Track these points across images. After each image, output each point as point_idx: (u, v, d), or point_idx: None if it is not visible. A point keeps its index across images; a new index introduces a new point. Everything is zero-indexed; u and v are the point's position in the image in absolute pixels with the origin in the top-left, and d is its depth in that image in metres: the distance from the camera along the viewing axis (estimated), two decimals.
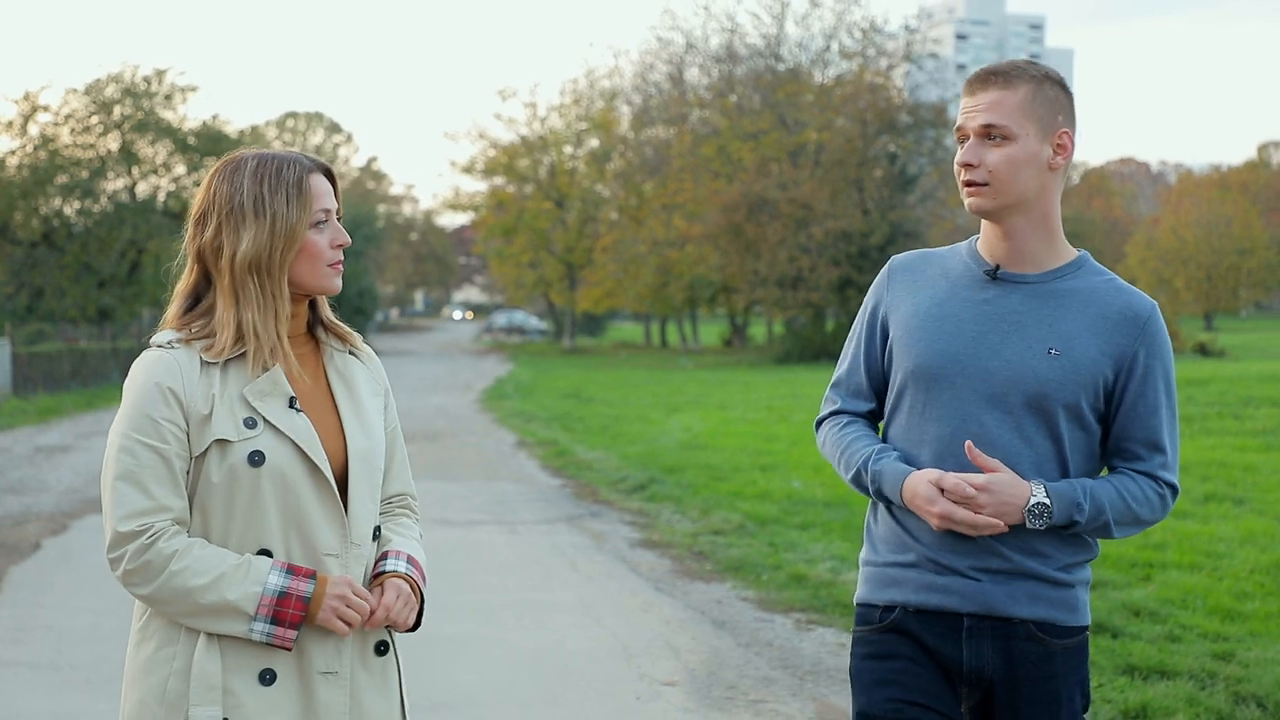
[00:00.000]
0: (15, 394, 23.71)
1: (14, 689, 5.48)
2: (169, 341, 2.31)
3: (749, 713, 5.22)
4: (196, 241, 2.34)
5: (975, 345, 2.46)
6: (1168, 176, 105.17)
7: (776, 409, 19.82)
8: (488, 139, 51.94)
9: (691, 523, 9.85)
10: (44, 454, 14.96)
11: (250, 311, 2.29)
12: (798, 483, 11.54)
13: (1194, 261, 62.94)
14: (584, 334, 62.72)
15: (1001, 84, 2.44)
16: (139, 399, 2.25)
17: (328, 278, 2.37)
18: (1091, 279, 2.50)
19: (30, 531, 9.46)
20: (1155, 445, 2.47)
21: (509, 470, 13.39)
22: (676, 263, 41.41)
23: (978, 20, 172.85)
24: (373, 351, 2.54)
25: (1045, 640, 2.46)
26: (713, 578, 7.95)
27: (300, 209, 2.31)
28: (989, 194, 2.45)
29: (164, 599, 2.21)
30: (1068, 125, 2.47)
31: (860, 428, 2.62)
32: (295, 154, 2.36)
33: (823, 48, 43.28)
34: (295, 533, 2.28)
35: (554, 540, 9.23)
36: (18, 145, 32.61)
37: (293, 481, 2.27)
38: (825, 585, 7.49)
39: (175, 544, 2.22)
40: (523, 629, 6.62)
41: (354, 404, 2.40)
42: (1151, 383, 2.46)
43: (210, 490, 2.25)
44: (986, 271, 2.51)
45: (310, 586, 2.24)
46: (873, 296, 2.64)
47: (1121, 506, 2.44)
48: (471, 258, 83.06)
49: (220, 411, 2.25)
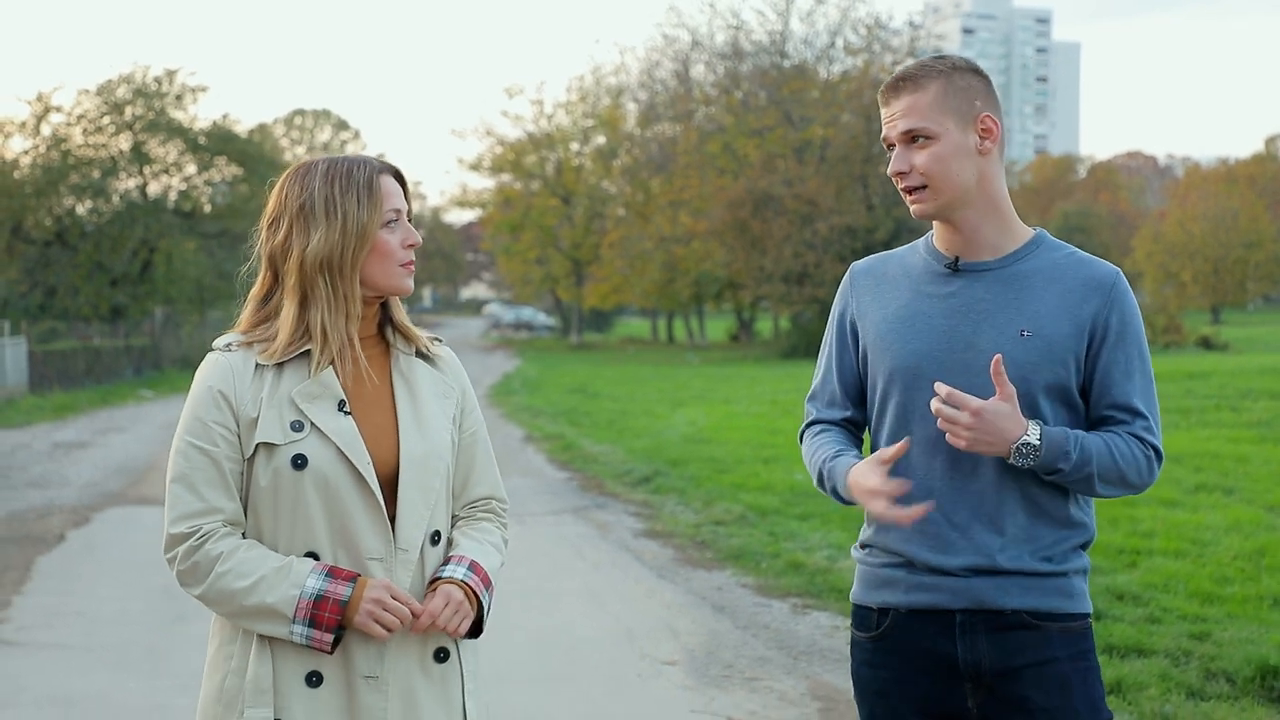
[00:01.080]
0: (32, 391, 24.06)
1: (49, 669, 5.79)
2: (228, 344, 2.34)
3: (745, 690, 5.51)
4: (268, 245, 2.36)
5: (948, 340, 2.46)
6: (1175, 170, 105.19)
7: (780, 403, 20.11)
8: (495, 136, 52.28)
9: (694, 514, 10.13)
10: (63, 449, 15.29)
11: (320, 311, 2.31)
12: (799, 475, 11.82)
13: (1200, 255, 63.00)
14: (591, 330, 63.03)
15: (911, 87, 2.45)
16: (194, 402, 2.30)
17: (399, 277, 2.37)
18: (1051, 255, 2.49)
19: (54, 524, 9.78)
20: (1133, 409, 2.45)
21: (517, 464, 13.69)
22: (683, 259, 41.70)
23: (984, 15, 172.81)
24: (450, 352, 2.53)
25: (1039, 625, 2.43)
26: (714, 565, 8.24)
27: (371, 209, 2.32)
28: (929, 196, 2.45)
29: (213, 600, 2.26)
30: (988, 108, 2.46)
31: (833, 434, 2.62)
32: (365, 156, 2.38)
33: (828, 44, 43.53)
34: (340, 536, 2.28)
35: (561, 531, 9.53)
36: (31, 145, 32.99)
37: (335, 485, 2.27)
38: (822, 572, 7.77)
39: (223, 545, 2.25)
40: (530, 614, 6.91)
41: (414, 407, 2.39)
42: (1123, 347, 2.44)
43: (259, 493, 2.28)
44: (946, 265, 2.50)
45: (348, 590, 2.24)
46: (838, 304, 2.65)
47: (1109, 461, 2.41)
48: (479, 254, 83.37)
49: (267, 415, 2.28)
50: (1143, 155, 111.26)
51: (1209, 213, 64.28)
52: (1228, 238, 63.14)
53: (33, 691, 5.48)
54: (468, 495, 2.48)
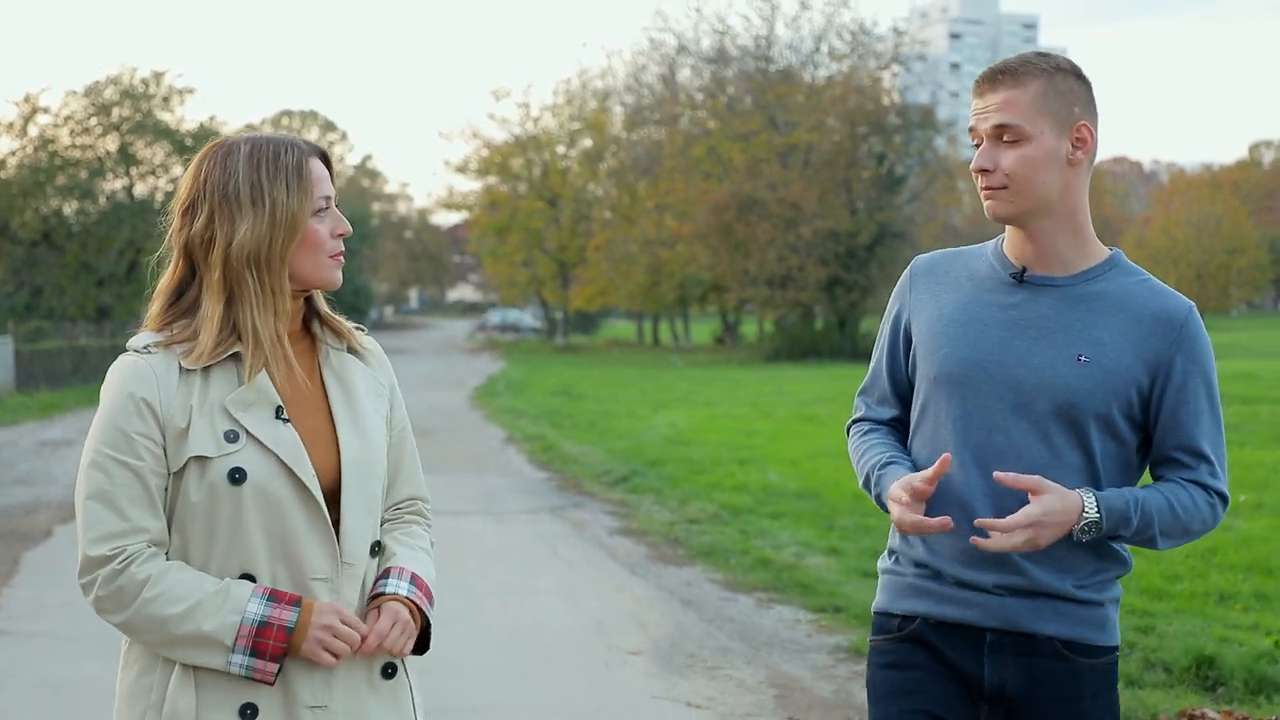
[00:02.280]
0: (18, 390, 24.24)
1: (37, 656, 6.02)
2: (146, 346, 2.14)
3: (705, 678, 5.75)
4: (184, 233, 2.15)
5: (1001, 352, 2.36)
6: (1160, 176, 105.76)
7: (760, 405, 20.39)
8: (481, 139, 52.52)
9: (669, 512, 10.38)
10: (49, 448, 15.49)
11: (248, 309, 2.12)
12: (773, 475, 12.07)
13: (1184, 261, 63.41)
14: (578, 332, 63.27)
15: (1011, 82, 2.32)
16: (112, 410, 2.09)
17: (329, 269, 2.20)
18: (1124, 280, 2.37)
19: (41, 520, 9.99)
20: (1200, 453, 2.35)
21: (497, 464, 13.92)
22: (667, 262, 41.99)
23: (971, 19, 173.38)
24: (376, 345, 2.37)
25: (1071, 659, 2.36)
26: (684, 562, 8.49)
27: (301, 196, 2.14)
28: (1008, 198, 2.33)
29: (138, 628, 2.06)
30: (1086, 117, 2.33)
31: (880, 435, 2.53)
32: (291, 137, 2.20)
33: (812, 50, 43.84)
34: (281, 555, 2.11)
35: (537, 529, 9.76)
36: (18, 146, 33.18)
37: (277, 500, 2.09)
38: (788, 568, 8.03)
39: (149, 569, 2.05)
40: (504, 608, 7.15)
41: (350, 408, 2.22)
42: (1192, 389, 2.33)
43: (189, 510, 2.08)
44: (1013, 274, 2.39)
45: (294, 615, 2.07)
46: (895, 301, 2.56)
47: (1170, 517, 2.31)
48: (466, 256, 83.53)
49: (199, 424, 2.08)
50: (1128, 160, 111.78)
51: (1192, 218, 64.72)
52: (1211, 243, 63.59)
53: (21, 677, 5.70)
54: (394, 496, 2.32)
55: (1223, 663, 5.64)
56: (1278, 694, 5.39)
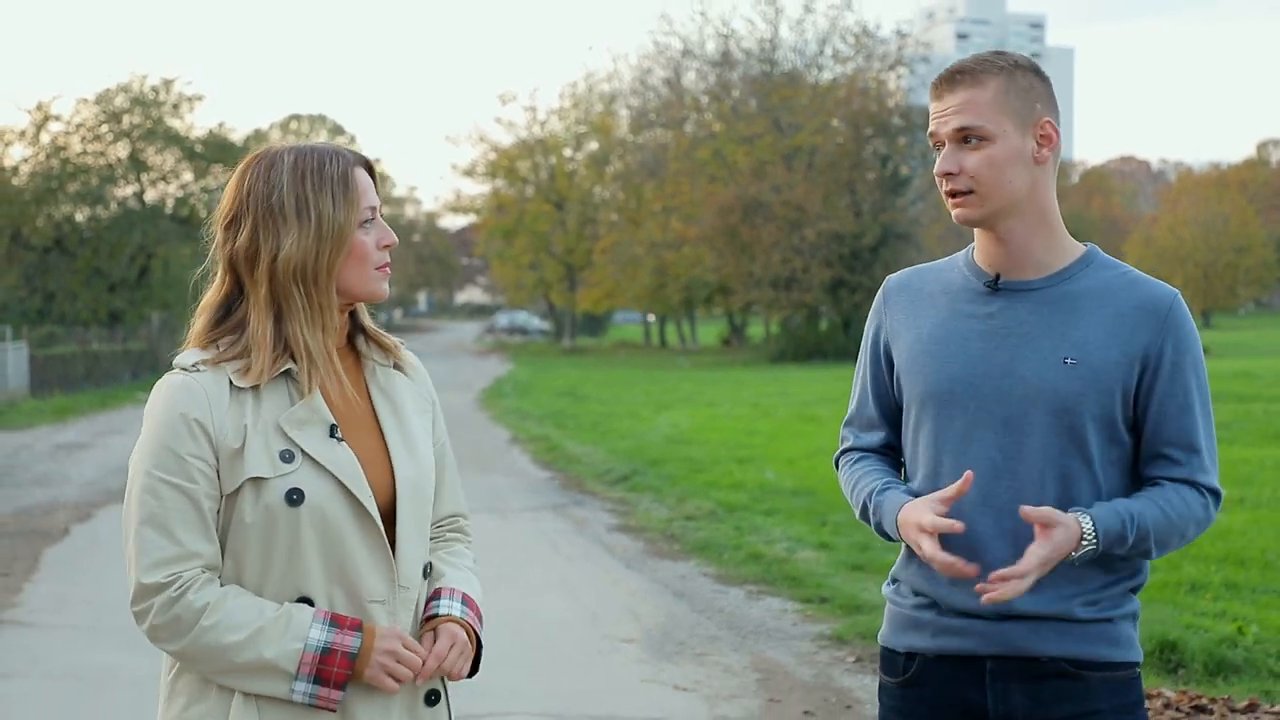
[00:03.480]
0: (32, 395, 24.63)
1: (60, 646, 6.35)
2: (194, 364, 2.07)
3: (693, 663, 6.07)
4: (228, 247, 2.10)
5: (985, 365, 2.27)
6: (1168, 175, 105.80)
7: (762, 406, 20.69)
8: (488, 142, 52.85)
9: (668, 510, 10.68)
10: (64, 450, 15.85)
11: (297, 325, 2.06)
12: (770, 474, 12.38)
13: (1191, 260, 63.58)
14: (585, 334, 63.61)
15: (969, 82, 2.25)
16: (162, 431, 2.02)
17: (375, 282, 2.14)
18: (1102, 275, 2.29)
19: (59, 519, 10.33)
20: (1191, 447, 2.25)
21: (502, 464, 14.25)
22: (673, 264, 42.32)
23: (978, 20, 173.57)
24: (417, 360, 2.31)
25: (1081, 675, 2.23)
26: (679, 557, 8.80)
27: (348, 207, 2.08)
28: (975, 202, 2.25)
29: (195, 656, 2.00)
30: (1048, 113, 2.28)
31: (872, 462, 2.44)
32: (336, 147, 2.14)
33: (817, 52, 44.15)
34: (338, 578, 2.06)
35: (539, 526, 10.08)
36: (30, 153, 33.61)
37: (335, 521, 2.04)
38: (779, 561, 8.33)
39: (206, 595, 2.00)
40: (505, 600, 7.45)
41: (400, 426, 2.17)
42: (1180, 379, 2.24)
43: (244, 532, 2.03)
44: (986, 283, 2.31)
45: (357, 641, 2.02)
46: (872, 322, 2.46)
47: (1166, 527, 2.22)
48: (474, 259, 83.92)
49: (254, 444, 2.03)
50: (1136, 160, 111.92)
51: (1199, 218, 64.88)
52: (1218, 242, 63.74)
53: (46, 665, 6.03)
54: (437, 513, 2.28)
55: (1185, 647, 5.93)
56: (1236, 676, 5.69)
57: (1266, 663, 5.81)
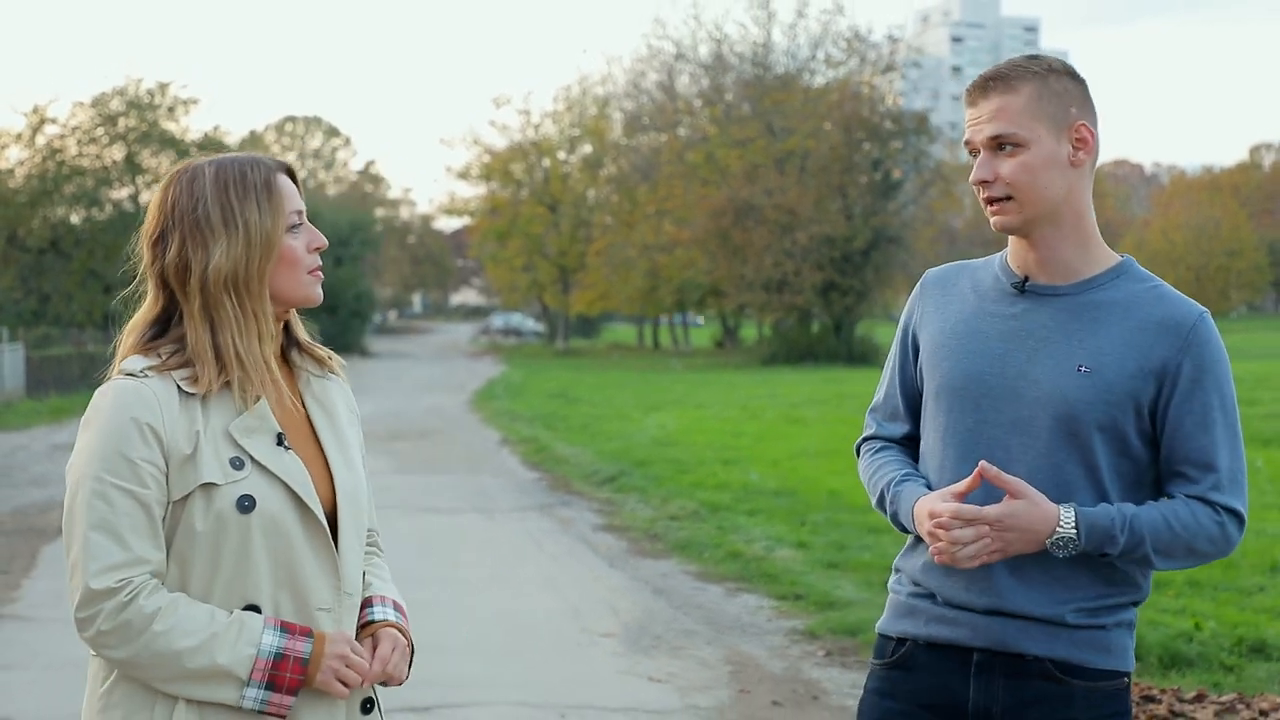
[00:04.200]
0: (29, 395, 24.85)
1: (59, 639, 6.56)
2: (142, 370, 2.06)
3: (669, 656, 6.31)
4: (157, 264, 2.10)
5: (1001, 364, 2.29)
6: (1162, 178, 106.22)
7: (750, 408, 20.93)
8: (482, 145, 53.12)
9: (652, 510, 10.91)
10: (61, 451, 16.06)
11: (229, 335, 2.07)
12: (754, 475, 12.61)
13: (1183, 263, 63.91)
14: (579, 336, 63.86)
15: (1003, 88, 2.26)
16: (112, 436, 2.01)
17: (309, 286, 2.16)
18: (1132, 287, 2.29)
19: (55, 518, 10.54)
20: (1208, 465, 2.23)
21: (491, 465, 14.49)
22: (665, 266, 42.58)
23: (973, 23, 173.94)
24: (344, 371, 2.35)
25: (1064, 680, 2.25)
26: (661, 555, 9.03)
27: (274, 214, 2.09)
28: (1014, 209, 2.26)
29: (144, 663, 1.99)
30: (1084, 116, 2.26)
31: (893, 453, 2.47)
32: (255, 155, 2.15)
33: (809, 57, 44.43)
34: (286, 585, 2.07)
35: (525, 525, 10.31)
36: (26, 156, 33.82)
37: (285, 529, 2.06)
38: (757, 560, 8.57)
39: (156, 601, 1.99)
40: (489, 596, 7.70)
41: (336, 436, 2.20)
42: (1200, 396, 2.22)
43: (192, 539, 2.03)
44: (1014, 284, 2.33)
45: (308, 646, 2.04)
46: (906, 314, 2.49)
47: (1168, 536, 2.19)
48: (468, 261, 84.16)
49: (205, 451, 2.03)
50: (1129, 163, 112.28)
51: (1191, 221, 65.24)
52: (1209, 246, 64.09)
53: (46, 656, 6.27)
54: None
55: (1142, 642, 6.16)
56: (1189, 669, 5.93)
57: (1219, 656, 6.05)
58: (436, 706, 5.42)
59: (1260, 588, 7.43)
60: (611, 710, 5.48)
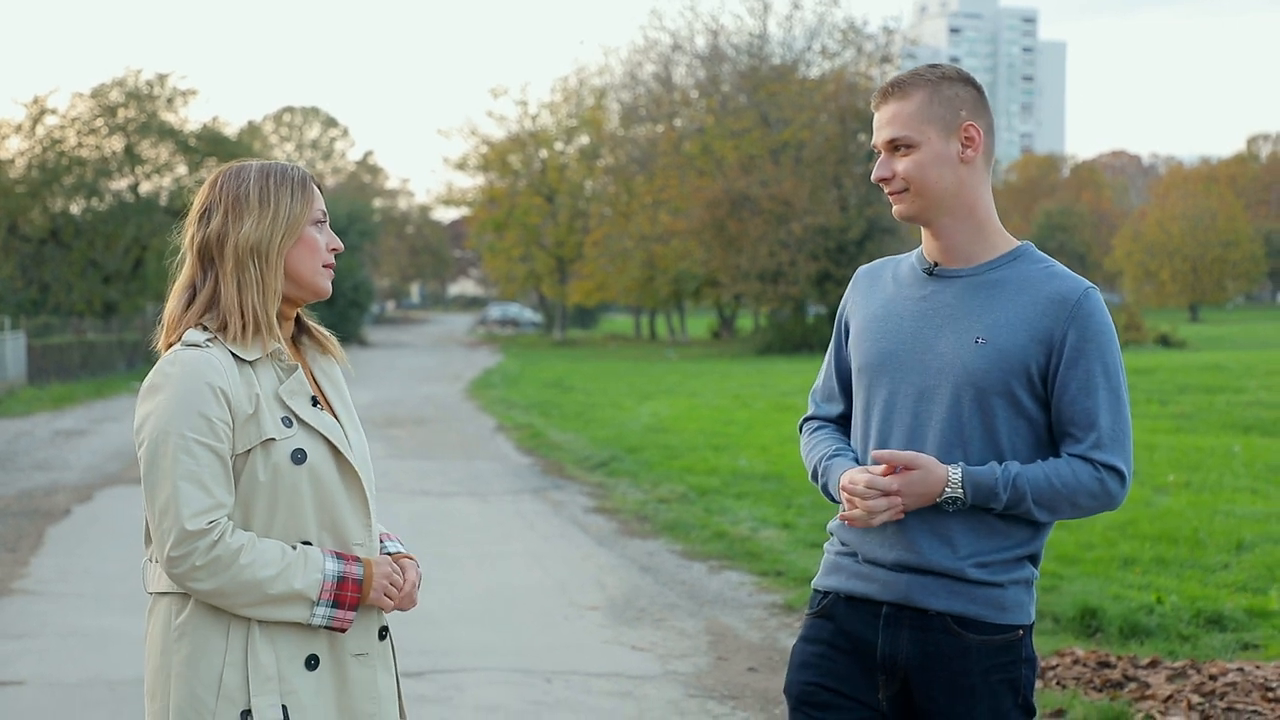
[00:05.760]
0: (30, 383, 25.13)
1: (67, 610, 6.87)
2: (204, 341, 2.37)
3: (651, 627, 6.59)
4: (200, 235, 2.42)
5: (912, 341, 2.55)
6: (1158, 169, 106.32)
7: (742, 396, 21.20)
8: (479, 136, 53.30)
9: (642, 493, 11.18)
10: (63, 437, 16.35)
11: (250, 295, 2.38)
12: (744, 460, 12.89)
13: (1179, 254, 64.11)
14: (576, 326, 64.11)
15: (898, 96, 2.53)
16: (191, 398, 2.31)
17: (322, 276, 2.47)
18: (1026, 268, 2.53)
19: (60, 500, 10.83)
20: (1089, 425, 2.47)
21: (486, 450, 14.76)
22: (662, 257, 42.82)
23: (971, 14, 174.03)
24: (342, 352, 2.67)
25: (961, 634, 2.49)
26: (649, 535, 9.31)
27: (304, 203, 2.43)
28: (909, 199, 2.53)
29: (230, 591, 2.30)
30: (974, 118, 2.52)
31: (827, 431, 2.74)
32: (296, 165, 2.51)
33: (804, 48, 44.64)
34: (328, 526, 2.41)
35: (518, 508, 10.59)
36: (26, 146, 34.04)
37: (327, 477, 2.40)
38: (741, 540, 8.85)
39: (239, 539, 2.31)
40: (480, 572, 7.97)
41: (344, 404, 2.54)
42: (1083, 364, 2.46)
43: (255, 487, 2.35)
44: (925, 270, 2.59)
45: (360, 569, 2.39)
46: (841, 305, 2.77)
47: (1049, 491, 2.45)
48: (466, 251, 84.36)
49: (265, 410, 2.36)
50: (1127, 154, 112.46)
51: (1187, 212, 65.39)
52: (1205, 237, 64.26)
53: (55, 627, 6.55)
54: None
55: (1104, 614, 6.44)
56: (1148, 639, 6.19)
57: (1177, 627, 6.32)
58: (430, 671, 5.71)
59: (1224, 565, 7.69)
60: (595, 675, 5.76)
